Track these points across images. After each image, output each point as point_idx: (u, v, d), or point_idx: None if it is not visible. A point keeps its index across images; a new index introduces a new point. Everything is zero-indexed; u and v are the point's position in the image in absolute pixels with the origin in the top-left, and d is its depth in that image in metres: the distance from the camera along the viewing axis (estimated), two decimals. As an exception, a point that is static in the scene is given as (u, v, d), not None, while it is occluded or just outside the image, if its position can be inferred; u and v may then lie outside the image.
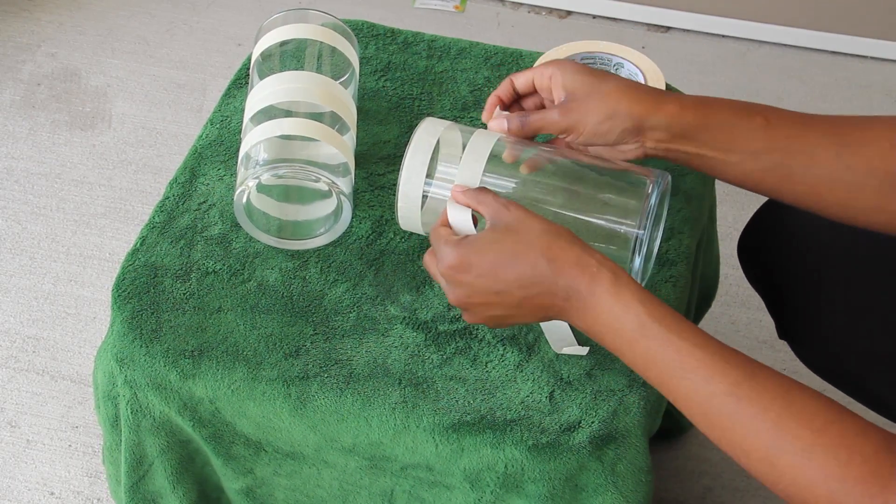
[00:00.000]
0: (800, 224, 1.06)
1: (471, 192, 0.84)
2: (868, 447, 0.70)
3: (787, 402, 0.72)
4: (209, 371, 0.89)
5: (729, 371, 0.74)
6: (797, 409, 0.72)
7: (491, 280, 0.80)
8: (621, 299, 0.77)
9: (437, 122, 0.90)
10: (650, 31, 2.06)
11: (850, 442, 0.70)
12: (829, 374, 1.07)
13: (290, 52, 1.00)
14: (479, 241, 0.81)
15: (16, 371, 1.48)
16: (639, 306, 0.76)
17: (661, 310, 0.77)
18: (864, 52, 2.00)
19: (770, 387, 0.73)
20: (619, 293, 0.77)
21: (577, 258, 0.78)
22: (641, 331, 0.76)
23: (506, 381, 0.89)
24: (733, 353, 0.75)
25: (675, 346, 0.75)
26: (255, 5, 2.10)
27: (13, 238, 1.65)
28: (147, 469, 0.96)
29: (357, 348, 0.90)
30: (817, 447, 0.71)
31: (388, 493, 0.92)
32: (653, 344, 0.76)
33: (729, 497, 1.37)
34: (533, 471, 0.85)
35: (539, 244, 0.79)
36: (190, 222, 0.99)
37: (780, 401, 0.72)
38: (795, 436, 0.71)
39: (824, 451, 0.70)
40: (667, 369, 0.76)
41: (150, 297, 0.93)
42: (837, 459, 0.70)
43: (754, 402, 0.73)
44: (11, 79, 1.92)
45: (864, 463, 0.69)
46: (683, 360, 0.75)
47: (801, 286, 1.05)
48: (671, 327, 0.76)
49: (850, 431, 0.71)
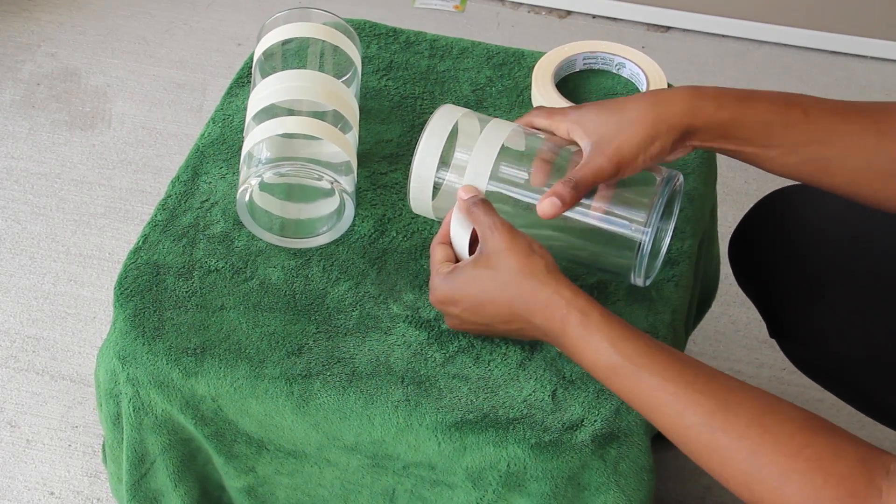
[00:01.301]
0: (791, 224, 1.06)
1: (467, 204, 0.86)
2: (843, 467, 0.70)
3: (762, 430, 0.73)
4: (211, 369, 0.89)
5: (702, 402, 0.75)
6: (772, 435, 0.73)
7: (477, 315, 0.85)
8: (591, 342, 0.79)
9: (454, 108, 0.91)
10: (650, 30, 2.06)
11: (825, 464, 0.71)
12: (818, 374, 1.08)
13: (293, 51, 1.00)
14: (463, 276, 0.84)
15: (16, 371, 1.48)
16: (608, 347, 0.78)
17: (630, 346, 0.78)
18: (864, 52, 2.00)
19: (744, 414, 0.74)
20: (588, 336, 0.79)
21: (547, 301, 0.81)
22: (613, 370, 0.79)
23: (508, 379, 0.89)
24: (708, 380, 0.77)
25: (647, 382, 0.77)
26: (255, 5, 2.10)
27: (13, 238, 1.65)
28: (149, 467, 0.95)
29: (359, 347, 0.90)
30: (793, 473, 0.71)
31: (389, 492, 0.92)
32: (625, 382, 0.78)
33: (728, 497, 1.37)
34: (535, 469, 0.85)
35: (512, 285, 0.82)
36: (192, 220, 0.99)
37: (754, 429, 0.73)
38: (771, 462, 0.72)
39: (800, 477, 0.71)
40: (642, 406, 0.79)
41: (152, 295, 0.93)
42: (813, 484, 0.71)
43: (728, 432, 0.74)
44: (11, 79, 1.92)
45: (839, 485, 0.70)
46: (656, 396, 0.77)
47: (791, 286, 1.05)
48: (642, 364, 0.77)
49: (826, 452, 0.71)
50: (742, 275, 1.13)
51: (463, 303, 0.85)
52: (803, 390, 1.47)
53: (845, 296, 1.01)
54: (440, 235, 0.89)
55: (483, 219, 0.85)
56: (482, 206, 0.85)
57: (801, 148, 0.85)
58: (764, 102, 0.86)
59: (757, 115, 0.85)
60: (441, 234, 0.89)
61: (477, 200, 0.86)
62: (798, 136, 0.85)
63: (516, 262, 0.82)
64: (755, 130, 0.85)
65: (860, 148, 0.85)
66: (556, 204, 0.84)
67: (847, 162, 0.85)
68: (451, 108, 0.91)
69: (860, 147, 0.85)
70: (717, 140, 0.86)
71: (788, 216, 1.06)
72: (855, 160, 0.85)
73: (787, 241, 1.05)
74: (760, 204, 1.10)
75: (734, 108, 0.85)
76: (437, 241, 0.89)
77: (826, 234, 1.03)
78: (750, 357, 1.52)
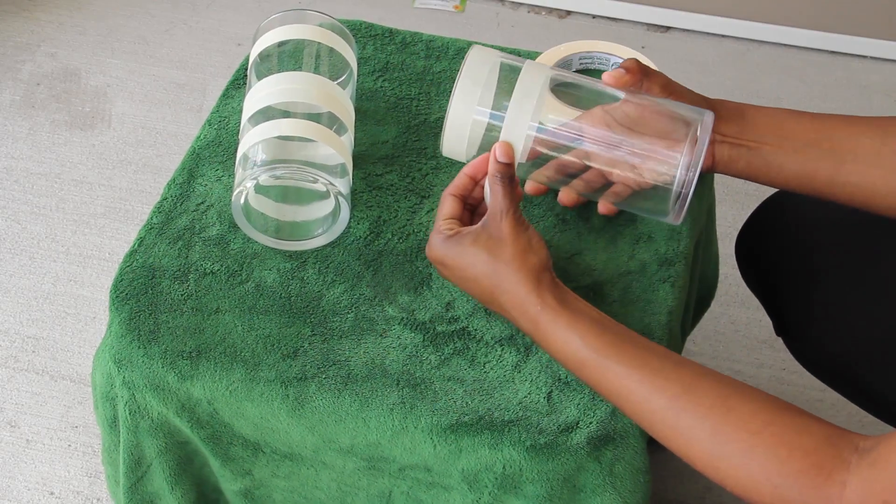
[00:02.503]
0: (797, 222, 1.06)
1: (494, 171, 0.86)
2: (809, 442, 0.72)
3: (726, 410, 0.75)
4: (207, 372, 0.89)
5: (667, 387, 0.78)
6: (735, 415, 0.75)
7: (462, 284, 0.88)
8: (559, 338, 0.82)
9: (489, 51, 0.90)
10: (650, 30, 2.06)
11: (788, 439, 0.72)
12: (824, 372, 1.08)
13: (288, 53, 1.00)
14: (459, 247, 0.86)
15: (16, 371, 1.48)
16: (577, 342, 0.82)
17: (598, 340, 0.81)
18: (864, 51, 2.00)
19: (709, 396, 0.76)
20: (556, 333, 0.82)
21: (524, 298, 0.84)
22: (581, 363, 0.82)
23: (504, 381, 0.89)
24: (675, 367, 0.79)
25: (613, 372, 0.80)
26: (255, 5, 2.10)
27: (13, 238, 1.65)
28: (145, 470, 0.96)
29: (355, 349, 0.90)
30: (757, 448, 0.73)
31: (386, 495, 0.92)
32: (594, 374, 0.81)
33: (728, 497, 1.37)
34: (531, 471, 0.85)
35: (499, 274, 0.84)
36: (188, 223, 0.99)
37: (717, 409, 0.75)
38: (734, 439, 0.74)
39: (764, 451, 0.73)
40: (610, 394, 0.81)
41: (147, 299, 0.93)
42: (777, 457, 0.72)
43: (691, 412, 0.76)
44: (11, 79, 1.92)
45: (804, 457, 0.71)
46: (623, 384, 0.80)
47: (798, 283, 1.05)
48: (609, 355, 0.80)
49: (790, 429, 0.73)
50: (749, 272, 1.13)
51: (453, 269, 0.87)
52: (803, 390, 1.47)
53: (853, 293, 1.01)
54: (454, 187, 0.89)
55: (499, 199, 0.85)
56: (504, 186, 0.86)
57: (813, 148, 0.90)
58: (773, 108, 0.93)
59: (768, 113, 0.92)
60: (454, 186, 0.89)
61: (504, 176, 0.86)
62: (811, 134, 0.90)
63: (511, 254, 0.84)
64: (768, 127, 0.91)
65: (868, 147, 0.88)
66: (620, 73, 0.91)
67: (858, 160, 0.89)
68: (486, 50, 0.90)
69: (868, 146, 0.88)
70: (734, 136, 0.90)
71: (796, 213, 1.07)
72: (866, 158, 0.88)
73: (795, 239, 1.06)
74: (768, 201, 1.11)
75: (747, 107, 0.92)
76: (449, 191, 0.89)
77: (834, 232, 1.03)
78: (750, 357, 1.52)
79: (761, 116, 0.92)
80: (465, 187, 0.90)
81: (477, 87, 0.88)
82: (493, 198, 0.86)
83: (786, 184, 0.92)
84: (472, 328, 0.92)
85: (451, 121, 0.89)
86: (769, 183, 0.93)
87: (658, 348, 0.81)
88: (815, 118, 0.92)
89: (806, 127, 0.91)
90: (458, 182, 0.89)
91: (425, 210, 1.00)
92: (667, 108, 0.90)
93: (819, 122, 0.91)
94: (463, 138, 0.89)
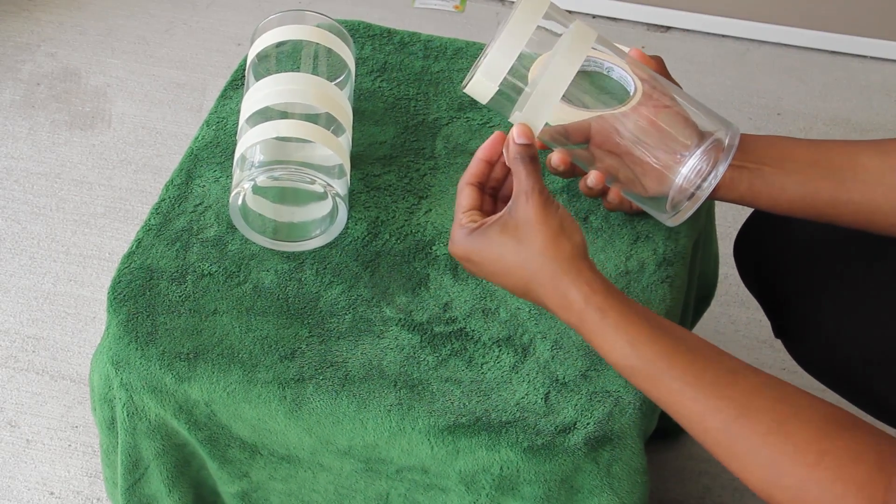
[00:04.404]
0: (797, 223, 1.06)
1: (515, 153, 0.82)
2: (862, 474, 0.71)
3: (783, 438, 0.73)
4: (204, 374, 0.89)
5: (722, 408, 0.75)
6: (791, 444, 0.73)
7: (493, 279, 0.83)
8: (607, 340, 0.78)
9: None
10: (650, 30, 2.05)
11: (844, 473, 0.71)
12: (823, 374, 1.08)
13: (286, 54, 1.00)
14: (485, 239, 0.81)
15: (16, 371, 1.48)
16: (626, 347, 0.78)
17: (648, 349, 0.77)
18: (864, 52, 2.00)
19: (764, 421, 0.74)
20: (605, 335, 0.78)
21: (565, 292, 0.79)
22: (631, 370, 0.78)
23: (501, 382, 0.89)
24: (730, 382, 0.76)
25: (666, 386, 0.77)
26: (254, 5, 2.10)
27: (13, 238, 1.65)
28: (143, 472, 0.96)
29: (352, 350, 0.90)
30: (811, 483, 0.71)
31: (383, 497, 0.92)
32: (644, 383, 0.78)
33: (728, 497, 1.37)
34: (528, 472, 0.85)
35: (533, 264, 0.80)
36: (186, 224, 0.99)
37: (773, 436, 0.73)
38: (790, 472, 0.72)
39: (819, 487, 0.71)
40: (662, 404, 0.78)
41: (145, 300, 0.93)
42: (833, 493, 0.71)
43: (748, 439, 0.74)
44: (11, 79, 1.92)
45: (858, 492, 0.70)
46: (675, 400, 0.77)
47: (797, 285, 1.05)
48: (661, 367, 0.77)
49: (845, 459, 0.71)
50: (747, 273, 1.13)
51: (481, 265, 0.82)
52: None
53: (852, 295, 1.01)
54: (470, 175, 0.85)
55: (523, 180, 0.80)
56: (527, 165, 0.81)
57: (813, 169, 0.89)
58: (769, 135, 0.93)
59: (766, 138, 0.92)
60: (470, 174, 0.85)
61: (525, 156, 0.81)
62: (807, 155, 0.90)
63: (542, 240, 0.79)
64: (767, 150, 0.90)
65: (869, 165, 0.89)
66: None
67: (858, 178, 0.89)
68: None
69: (868, 164, 0.89)
70: (735, 159, 0.89)
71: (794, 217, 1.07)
72: (866, 176, 0.89)
73: (793, 240, 1.06)
74: None
75: (744, 134, 0.90)
76: (465, 180, 0.85)
77: (833, 233, 1.03)
78: (750, 357, 1.52)
79: (759, 141, 0.91)
80: (481, 173, 0.85)
81: (525, 36, 0.81)
82: (515, 180, 0.81)
83: (789, 206, 0.91)
84: (470, 329, 0.92)
85: (490, 60, 0.82)
86: (772, 206, 0.92)
87: (710, 352, 0.78)
88: (812, 142, 0.91)
89: (804, 149, 0.90)
90: (474, 169, 0.85)
91: (423, 210, 1.00)
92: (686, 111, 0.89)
93: (816, 144, 0.91)
94: (494, 84, 0.82)
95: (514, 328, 0.92)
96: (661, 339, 0.78)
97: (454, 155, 1.05)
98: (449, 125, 1.08)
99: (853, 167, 0.89)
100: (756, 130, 1.85)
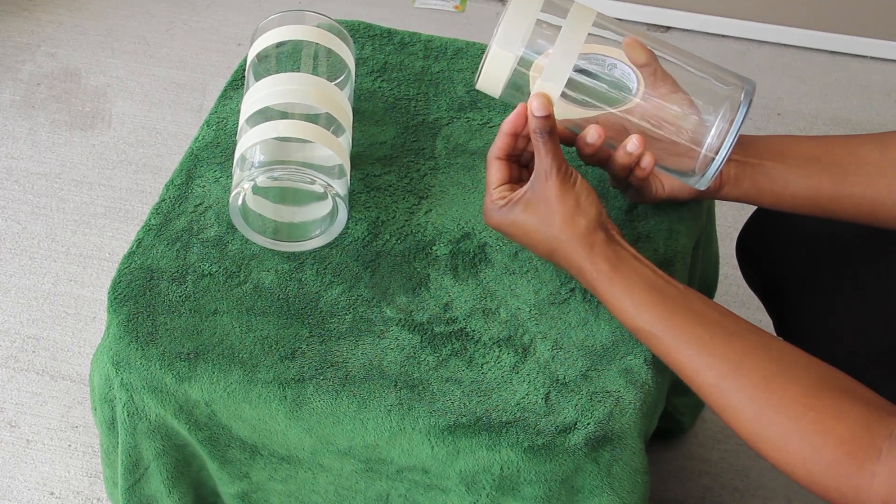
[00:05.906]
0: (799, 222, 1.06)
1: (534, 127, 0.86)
2: (844, 430, 0.75)
3: (768, 393, 0.78)
4: (205, 374, 0.89)
5: (715, 364, 0.81)
6: (777, 398, 0.78)
7: (526, 247, 0.90)
8: (615, 305, 0.86)
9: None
10: (650, 31, 2.05)
11: (825, 427, 0.75)
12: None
13: (286, 54, 1.00)
14: (512, 215, 0.88)
15: (16, 371, 1.48)
16: (630, 310, 0.85)
17: (650, 313, 0.84)
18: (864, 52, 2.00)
19: (754, 377, 0.79)
20: (612, 300, 0.86)
21: (579, 268, 0.87)
22: (636, 330, 0.85)
23: (501, 382, 0.89)
24: (725, 339, 0.82)
25: (665, 344, 0.83)
26: (254, 5, 2.10)
27: (13, 238, 1.65)
28: (143, 472, 0.96)
29: (353, 350, 0.90)
30: (794, 434, 0.76)
31: (383, 497, 0.92)
32: (648, 342, 0.85)
33: (728, 497, 1.37)
34: (529, 473, 0.85)
35: (552, 241, 0.87)
36: (186, 225, 0.99)
37: (760, 392, 0.78)
38: (774, 423, 0.77)
39: (800, 438, 0.76)
40: (667, 363, 0.85)
41: (145, 300, 0.93)
42: (812, 446, 0.75)
43: (737, 394, 0.79)
44: (11, 79, 1.92)
45: (838, 446, 0.74)
46: (674, 357, 0.83)
47: (800, 283, 1.05)
48: (661, 328, 0.83)
49: (829, 415, 0.76)
50: (750, 272, 1.14)
51: (513, 236, 0.89)
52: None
53: (855, 294, 1.01)
54: (497, 149, 0.89)
55: (543, 158, 0.86)
56: (545, 143, 0.85)
57: (813, 162, 0.92)
58: (770, 135, 0.95)
59: (767, 137, 0.94)
60: (497, 147, 0.89)
61: (544, 132, 0.85)
62: (808, 150, 0.92)
63: (560, 220, 0.85)
64: (768, 147, 0.93)
65: (870, 158, 0.90)
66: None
67: (861, 171, 0.91)
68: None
69: (869, 158, 0.90)
70: (737, 155, 0.92)
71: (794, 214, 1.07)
72: (867, 168, 0.90)
73: (796, 238, 1.06)
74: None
75: (744, 135, 0.94)
76: (493, 154, 0.90)
77: (836, 230, 1.03)
78: (749, 357, 1.52)
79: (760, 139, 0.94)
80: (509, 147, 0.90)
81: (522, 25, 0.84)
82: (536, 157, 0.86)
83: (792, 201, 0.93)
84: (470, 329, 0.92)
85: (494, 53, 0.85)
86: (775, 202, 0.94)
87: (711, 313, 0.83)
88: (813, 138, 0.94)
89: (805, 145, 0.93)
90: (500, 142, 0.89)
91: (423, 211, 1.00)
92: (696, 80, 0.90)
93: (817, 140, 0.94)
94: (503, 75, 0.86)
95: (514, 328, 0.92)
96: (662, 301, 0.84)
97: (454, 155, 1.05)
98: (449, 125, 1.08)
99: (854, 161, 0.91)
100: (756, 130, 1.85)
